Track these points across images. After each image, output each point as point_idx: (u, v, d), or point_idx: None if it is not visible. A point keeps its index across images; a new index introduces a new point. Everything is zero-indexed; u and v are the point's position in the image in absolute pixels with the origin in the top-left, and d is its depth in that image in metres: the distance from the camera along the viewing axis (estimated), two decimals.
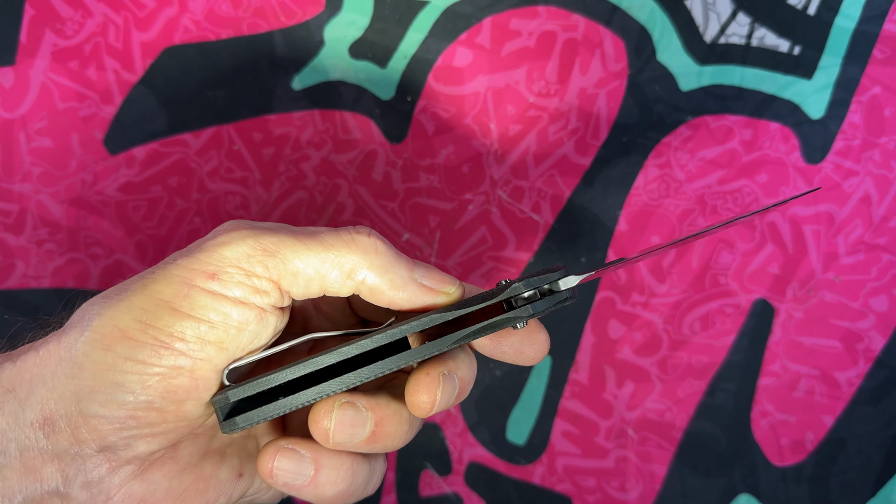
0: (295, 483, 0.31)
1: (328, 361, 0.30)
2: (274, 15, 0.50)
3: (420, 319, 0.30)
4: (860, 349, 0.51)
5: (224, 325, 0.28)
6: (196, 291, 0.28)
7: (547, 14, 0.50)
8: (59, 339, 0.28)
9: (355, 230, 0.30)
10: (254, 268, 0.29)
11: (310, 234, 0.30)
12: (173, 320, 0.28)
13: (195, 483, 0.31)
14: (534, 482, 0.51)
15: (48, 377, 0.28)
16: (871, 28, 0.50)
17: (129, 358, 0.27)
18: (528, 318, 0.31)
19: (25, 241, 0.50)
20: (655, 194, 0.51)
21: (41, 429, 0.28)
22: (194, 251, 0.29)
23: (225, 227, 0.30)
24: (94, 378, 0.27)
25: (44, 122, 0.50)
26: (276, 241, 0.29)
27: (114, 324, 0.27)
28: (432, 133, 0.51)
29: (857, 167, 0.50)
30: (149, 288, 0.28)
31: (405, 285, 0.31)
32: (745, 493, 0.51)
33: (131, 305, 0.28)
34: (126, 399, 0.27)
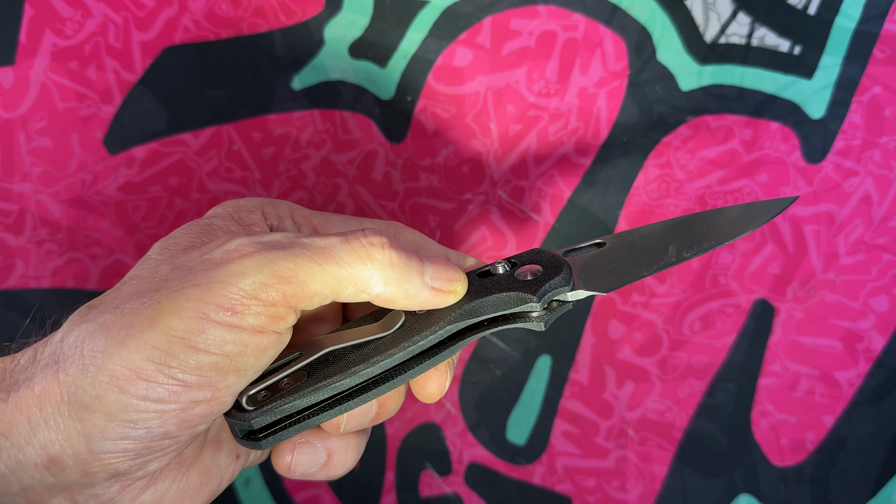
0: (310, 471, 0.32)
1: (350, 385, 0.30)
2: (274, 15, 0.50)
3: (437, 332, 0.31)
4: (860, 349, 0.50)
5: (242, 355, 0.27)
6: (212, 326, 0.26)
7: (547, 14, 0.50)
8: (57, 375, 0.26)
9: (369, 242, 0.29)
10: (271, 297, 0.27)
11: (323, 252, 0.29)
12: (189, 357, 0.26)
13: (199, 476, 0.31)
14: (534, 482, 0.51)
15: (49, 418, 0.26)
16: (871, 28, 0.50)
17: (146, 398, 0.26)
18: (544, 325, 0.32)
19: (25, 241, 0.50)
20: (656, 194, 0.51)
21: (46, 469, 0.26)
22: (204, 280, 0.27)
23: (237, 251, 0.28)
24: (105, 419, 0.26)
25: (43, 122, 0.50)
26: (292, 266, 0.28)
27: (124, 365, 0.26)
28: (432, 133, 0.51)
29: (858, 167, 0.50)
30: (159, 323, 0.26)
31: (418, 293, 0.30)
32: (746, 494, 0.51)
33: (141, 344, 0.26)
34: (141, 435, 0.26)
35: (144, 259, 0.30)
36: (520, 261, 0.33)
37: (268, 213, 0.33)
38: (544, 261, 0.33)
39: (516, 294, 0.31)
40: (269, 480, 0.52)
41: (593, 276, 0.33)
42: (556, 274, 0.32)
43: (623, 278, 0.33)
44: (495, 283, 0.32)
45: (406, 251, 0.31)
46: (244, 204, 0.33)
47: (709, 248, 0.33)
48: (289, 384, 0.30)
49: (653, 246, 0.34)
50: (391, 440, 0.52)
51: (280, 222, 0.33)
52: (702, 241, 0.33)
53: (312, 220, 0.34)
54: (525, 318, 0.32)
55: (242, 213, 0.33)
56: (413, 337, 0.31)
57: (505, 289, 0.32)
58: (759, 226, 0.35)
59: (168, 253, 0.30)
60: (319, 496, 0.52)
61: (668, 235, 0.34)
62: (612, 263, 0.33)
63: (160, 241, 0.31)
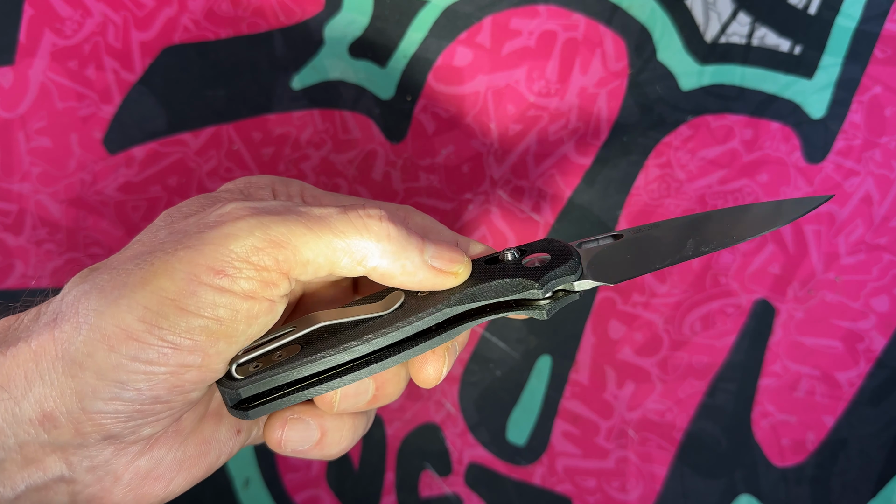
0: (302, 448, 0.32)
1: (341, 360, 0.30)
2: (273, 14, 0.50)
3: (434, 314, 0.30)
4: (861, 349, 0.50)
5: (233, 320, 0.27)
6: (203, 288, 0.26)
7: (547, 13, 0.50)
8: (52, 332, 0.27)
9: (366, 213, 0.29)
10: (263, 261, 0.27)
11: (319, 220, 0.28)
12: (180, 319, 0.26)
13: (198, 447, 0.31)
14: (534, 483, 0.51)
15: (45, 373, 0.26)
16: (871, 28, 0.50)
17: (136, 359, 0.26)
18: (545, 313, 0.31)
19: (24, 241, 0.50)
20: (656, 194, 0.51)
21: (41, 425, 0.27)
22: (196, 242, 0.27)
23: (230, 214, 0.28)
24: (96, 377, 0.26)
25: (43, 121, 0.50)
26: (284, 231, 0.28)
27: (116, 324, 0.26)
28: (432, 133, 0.51)
29: (858, 167, 0.50)
30: (150, 283, 0.26)
31: (416, 270, 0.30)
32: (746, 494, 0.51)
33: (133, 303, 0.26)
34: (132, 396, 0.27)
35: (149, 227, 0.30)
36: (530, 249, 0.33)
37: (278, 192, 0.33)
38: (554, 249, 0.32)
39: (519, 280, 0.31)
40: (269, 481, 0.52)
41: (603, 266, 0.32)
42: (563, 262, 0.31)
43: (634, 270, 0.32)
44: (501, 269, 0.32)
45: (406, 227, 0.30)
46: (255, 181, 0.33)
47: (730, 243, 0.32)
48: (281, 356, 0.30)
49: (671, 239, 0.33)
50: (391, 440, 0.52)
51: (290, 200, 0.33)
52: (723, 236, 0.32)
53: (323, 199, 0.34)
54: (528, 306, 0.32)
55: (252, 188, 0.33)
56: (409, 317, 0.30)
57: (509, 275, 0.31)
58: (787, 222, 0.33)
59: (170, 219, 0.30)
60: (319, 496, 0.52)
61: (688, 230, 0.33)
62: (625, 255, 0.33)
63: (166, 210, 0.31)
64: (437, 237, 0.34)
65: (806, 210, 0.34)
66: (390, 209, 0.34)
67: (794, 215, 0.34)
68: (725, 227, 0.33)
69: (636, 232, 0.34)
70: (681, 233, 0.33)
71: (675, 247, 0.32)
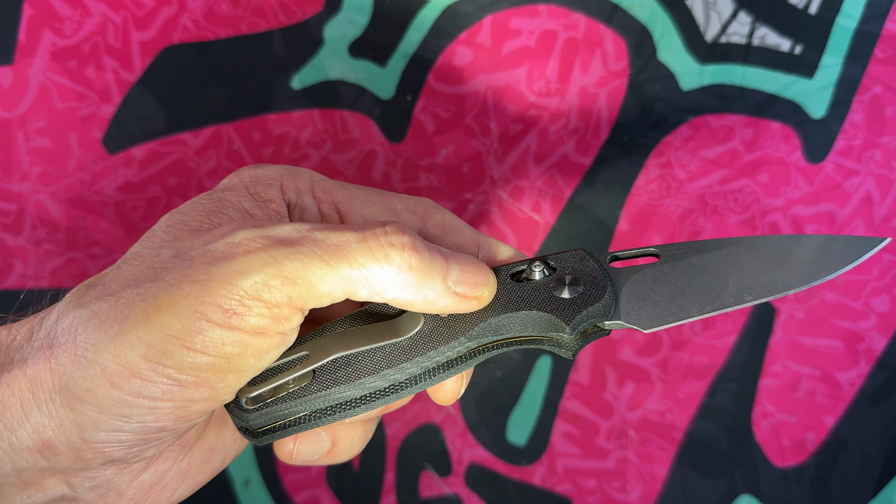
0: (313, 458, 0.31)
1: (355, 395, 0.28)
2: (273, 14, 0.50)
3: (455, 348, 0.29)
4: (861, 349, 0.50)
5: (242, 356, 0.26)
6: (211, 328, 0.25)
7: (547, 13, 0.50)
8: (49, 361, 0.25)
9: (388, 242, 0.27)
10: (274, 298, 0.25)
11: (336, 250, 0.26)
12: (185, 357, 0.25)
13: (202, 454, 0.30)
14: (534, 483, 0.51)
15: (42, 404, 0.25)
16: (872, 27, 0.50)
17: (139, 395, 0.25)
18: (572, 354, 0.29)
19: (24, 240, 0.50)
20: (656, 194, 0.50)
21: (39, 453, 0.26)
22: (203, 276, 0.25)
23: (240, 246, 0.26)
24: (98, 411, 0.25)
25: (42, 121, 0.50)
26: (299, 266, 0.26)
27: (117, 361, 0.24)
28: (432, 132, 0.51)
29: (859, 167, 0.50)
30: (154, 320, 0.25)
31: (439, 298, 0.28)
32: (747, 494, 0.51)
33: (135, 340, 0.25)
34: (135, 428, 0.26)
35: (149, 234, 0.28)
36: (560, 266, 0.30)
37: (287, 187, 0.31)
38: (587, 275, 0.30)
39: (548, 317, 0.29)
40: (269, 481, 0.51)
41: (638, 302, 0.30)
42: (596, 299, 0.29)
43: (669, 315, 0.29)
44: (527, 293, 0.29)
45: (430, 251, 0.28)
46: (262, 174, 0.31)
47: (773, 293, 0.29)
48: (292, 385, 0.28)
49: (711, 276, 0.30)
50: (391, 440, 0.52)
51: (299, 197, 0.31)
52: (767, 281, 0.29)
53: (334, 194, 0.32)
54: (553, 342, 0.29)
55: (259, 185, 0.30)
56: (428, 351, 0.28)
57: (536, 306, 0.29)
58: (836, 272, 0.30)
59: (173, 232, 0.28)
60: (319, 497, 0.52)
61: (731, 263, 0.30)
62: (661, 289, 0.30)
63: (168, 214, 0.29)
64: (459, 237, 0.32)
65: (859, 256, 0.30)
66: (409, 205, 0.32)
67: (845, 262, 0.30)
68: (770, 264, 0.30)
69: (674, 255, 0.31)
70: (722, 266, 0.30)
71: (715, 288, 0.29)
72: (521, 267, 0.31)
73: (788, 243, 0.31)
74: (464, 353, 0.29)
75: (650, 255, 0.32)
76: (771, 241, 0.31)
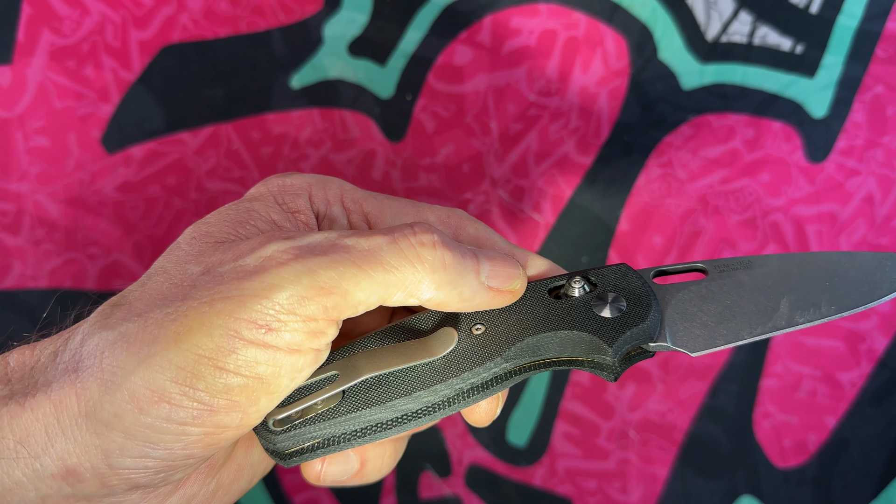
0: (341, 479, 0.30)
1: (387, 418, 0.27)
2: (272, 13, 0.50)
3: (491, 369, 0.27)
4: (863, 350, 0.50)
5: (275, 376, 0.25)
6: (244, 346, 0.24)
7: (548, 12, 0.50)
8: (74, 384, 0.24)
9: (419, 241, 0.26)
10: (310, 311, 0.25)
11: (368, 255, 0.26)
12: (217, 378, 0.24)
13: (231, 475, 0.29)
14: (534, 484, 0.51)
15: (67, 430, 0.24)
16: (873, 27, 0.49)
17: (169, 420, 0.24)
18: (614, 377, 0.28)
19: (23, 240, 0.50)
20: (657, 194, 0.50)
21: (64, 479, 0.25)
22: (236, 292, 0.24)
23: (272, 258, 0.25)
24: (125, 437, 0.24)
25: (41, 121, 0.50)
26: (334, 275, 0.25)
27: (146, 385, 0.24)
28: (432, 132, 0.50)
29: (860, 166, 0.50)
30: (185, 341, 0.24)
31: (474, 295, 0.27)
32: (748, 495, 0.51)
33: (165, 363, 0.24)
34: (162, 455, 0.25)
35: (174, 247, 0.28)
36: (601, 283, 0.29)
37: (315, 197, 0.30)
38: (630, 292, 0.28)
39: (589, 337, 0.27)
40: (268, 482, 0.51)
41: (684, 322, 0.28)
42: (641, 319, 0.27)
43: (718, 338, 0.28)
44: (567, 311, 0.28)
45: (460, 249, 0.27)
46: (291, 184, 0.30)
47: (827, 316, 0.28)
48: (321, 405, 0.27)
49: (762, 295, 0.28)
50: None
51: (328, 207, 0.30)
52: (820, 301, 0.28)
53: (364, 205, 0.31)
54: (593, 364, 0.28)
55: (287, 195, 0.30)
56: (463, 373, 0.27)
57: (577, 325, 0.27)
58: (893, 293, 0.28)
59: (199, 245, 0.27)
60: (318, 497, 0.51)
61: (782, 280, 0.29)
62: (709, 308, 0.28)
63: (193, 226, 0.28)
64: (492, 249, 0.31)
65: None
66: (441, 216, 0.31)
67: None
68: (823, 283, 0.28)
69: (722, 271, 0.29)
70: (773, 284, 0.29)
71: (767, 308, 0.28)
72: (559, 282, 0.29)
73: (843, 260, 0.30)
74: (500, 374, 0.28)
75: (697, 270, 0.30)
76: (825, 257, 0.30)
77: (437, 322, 0.30)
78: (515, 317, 0.29)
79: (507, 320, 0.29)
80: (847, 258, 0.29)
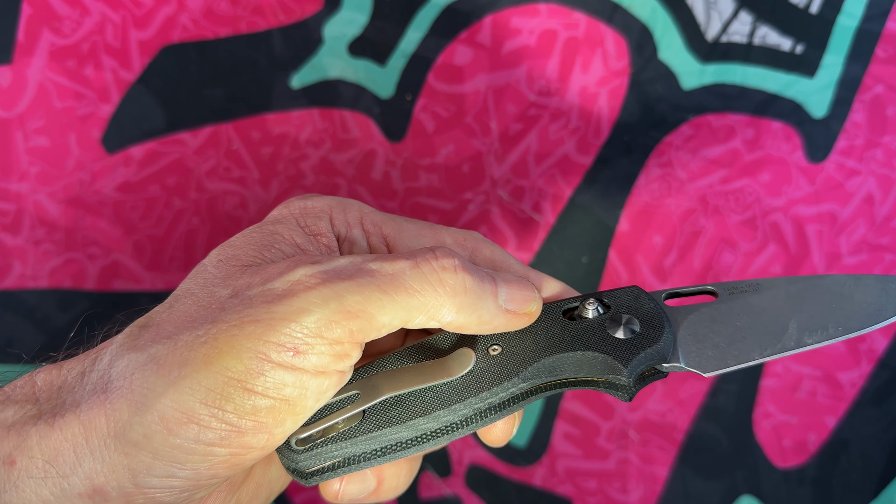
0: (359, 498, 0.30)
1: (407, 437, 0.28)
2: (272, 13, 0.50)
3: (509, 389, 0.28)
4: (863, 350, 0.50)
5: (301, 398, 0.26)
6: (272, 369, 0.25)
7: (548, 12, 0.50)
8: (104, 405, 0.25)
9: (440, 266, 0.27)
10: (336, 334, 0.25)
11: (392, 280, 0.26)
12: (245, 400, 0.25)
13: (250, 493, 0.30)
14: (534, 484, 0.51)
15: (95, 450, 0.25)
16: (873, 27, 0.49)
17: (197, 441, 0.25)
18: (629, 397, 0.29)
19: (23, 240, 0.50)
20: (657, 194, 0.50)
21: (90, 498, 0.25)
22: (265, 316, 0.25)
23: (300, 283, 0.26)
24: (153, 457, 0.25)
25: (41, 121, 0.50)
26: (360, 299, 0.26)
27: (176, 406, 0.24)
28: (432, 132, 0.50)
29: (860, 166, 0.50)
30: (215, 363, 0.24)
31: (492, 318, 0.28)
32: (748, 495, 0.51)
33: (195, 385, 0.24)
34: (188, 475, 0.25)
35: (200, 269, 0.28)
36: (614, 304, 0.29)
37: (336, 220, 0.31)
38: (643, 314, 0.29)
39: (604, 358, 0.28)
40: None
41: (696, 343, 0.29)
42: (654, 340, 0.28)
43: (730, 358, 0.28)
44: (581, 332, 0.29)
45: (479, 273, 0.28)
46: (312, 206, 0.31)
47: (834, 337, 0.29)
48: (341, 425, 0.28)
49: (771, 317, 0.29)
50: None
51: (348, 230, 0.31)
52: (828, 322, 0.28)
53: (383, 227, 0.32)
54: (608, 384, 0.29)
55: (309, 218, 0.31)
56: (481, 392, 0.28)
57: (592, 346, 0.28)
58: None
59: (225, 268, 0.28)
60: (317, 498, 0.51)
61: (790, 303, 0.29)
62: (720, 330, 0.29)
63: (219, 248, 0.29)
64: (507, 271, 0.32)
65: None
66: (458, 239, 0.32)
67: None
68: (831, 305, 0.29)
69: (732, 293, 0.30)
70: (782, 306, 0.30)
71: (776, 330, 0.29)
72: (573, 304, 0.30)
73: (849, 283, 0.30)
74: (517, 393, 0.28)
75: (707, 293, 0.31)
76: (831, 280, 0.31)
77: (455, 342, 0.30)
78: (531, 338, 0.29)
79: (523, 341, 0.29)
80: (852, 281, 0.30)
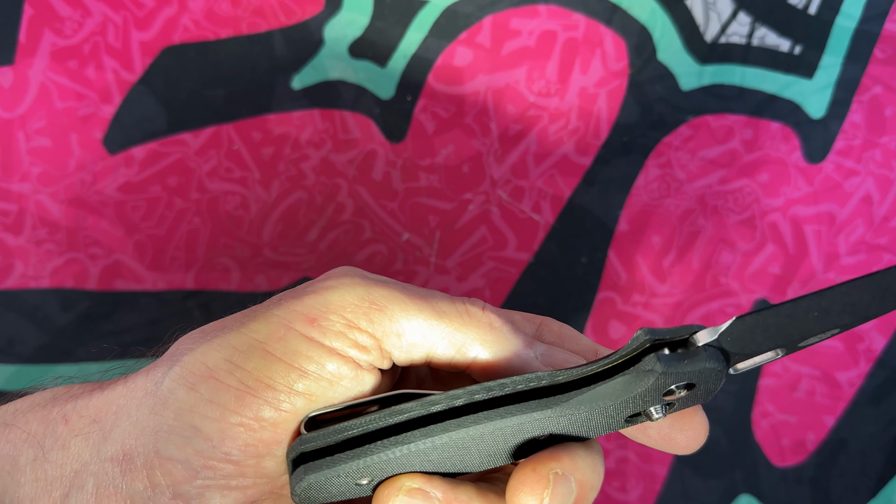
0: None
1: (419, 413, 0.26)
2: (273, 14, 0.50)
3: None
4: (861, 349, 0.50)
5: (316, 376, 0.26)
6: (292, 335, 0.26)
7: (547, 13, 0.50)
8: (149, 371, 0.27)
9: (470, 301, 0.28)
10: (357, 319, 0.27)
11: (423, 296, 0.28)
12: (263, 363, 0.26)
13: None
14: None
15: (133, 410, 0.27)
16: (871, 27, 0.50)
17: (211, 400, 0.26)
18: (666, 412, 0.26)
19: (24, 241, 0.50)
20: (656, 194, 0.51)
21: (119, 465, 0.26)
22: (301, 294, 0.27)
23: (337, 272, 0.28)
24: (175, 417, 0.26)
25: (43, 121, 0.50)
26: (386, 295, 0.27)
27: (203, 361, 0.26)
28: (432, 133, 0.51)
29: (858, 167, 0.50)
30: (246, 326, 0.27)
31: (524, 367, 0.28)
32: (746, 494, 0.51)
33: (224, 343, 0.26)
34: (203, 446, 0.26)
35: None
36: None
37: None
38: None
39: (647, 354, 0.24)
40: None
41: None
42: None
43: None
44: None
45: (511, 322, 0.28)
46: None
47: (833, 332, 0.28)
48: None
49: None
50: None
51: None
52: None
53: None
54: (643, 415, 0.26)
55: None
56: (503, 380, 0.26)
57: None
58: None
59: None
60: None
61: None
62: None
63: None
64: (575, 346, 0.30)
65: None
66: (526, 316, 0.31)
67: None
68: None
69: None
70: None
71: None
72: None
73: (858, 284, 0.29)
74: None
75: None
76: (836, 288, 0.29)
77: None
78: None
79: None
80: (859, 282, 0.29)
